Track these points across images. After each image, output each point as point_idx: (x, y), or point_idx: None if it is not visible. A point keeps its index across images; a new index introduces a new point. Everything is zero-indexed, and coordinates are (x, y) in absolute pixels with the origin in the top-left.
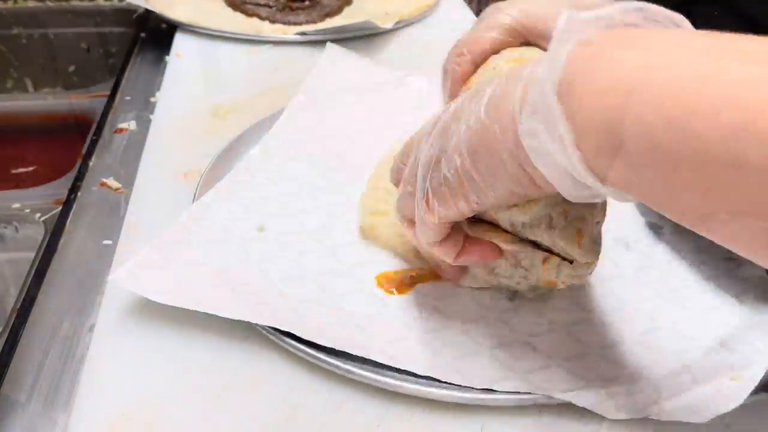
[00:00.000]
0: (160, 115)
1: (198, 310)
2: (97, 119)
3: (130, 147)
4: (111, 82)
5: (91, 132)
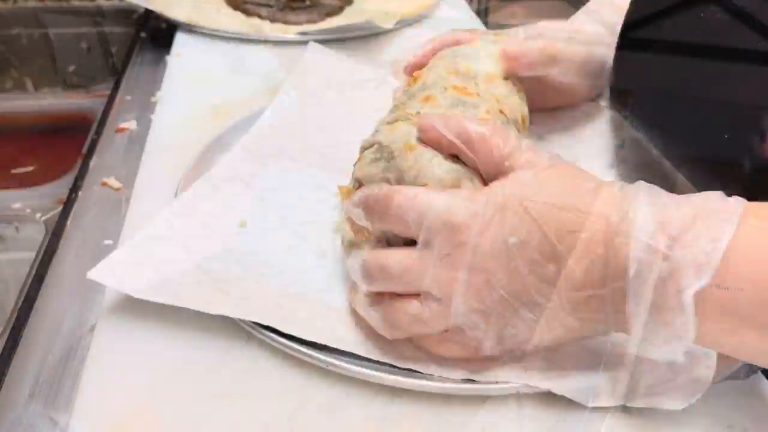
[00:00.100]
0: (160, 114)
1: (178, 305)
2: (97, 119)
3: (131, 147)
4: (111, 82)
5: (92, 132)
